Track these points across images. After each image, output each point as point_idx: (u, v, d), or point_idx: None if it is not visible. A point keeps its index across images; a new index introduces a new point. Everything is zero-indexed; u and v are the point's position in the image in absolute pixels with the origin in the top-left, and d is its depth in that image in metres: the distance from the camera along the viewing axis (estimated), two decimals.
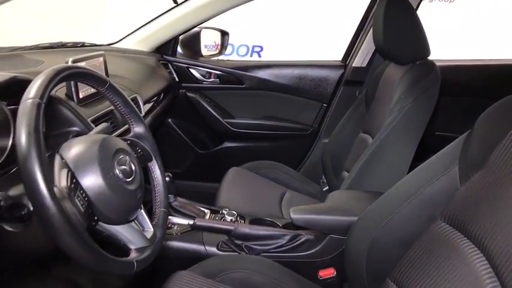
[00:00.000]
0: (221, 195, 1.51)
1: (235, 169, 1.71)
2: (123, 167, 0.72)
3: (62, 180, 0.62)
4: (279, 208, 1.51)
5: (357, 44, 1.89)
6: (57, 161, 0.65)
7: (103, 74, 1.18)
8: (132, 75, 1.47)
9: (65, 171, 0.63)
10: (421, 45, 1.35)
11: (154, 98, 1.59)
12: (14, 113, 0.79)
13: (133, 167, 0.74)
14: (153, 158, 0.89)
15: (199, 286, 0.95)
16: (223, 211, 1.27)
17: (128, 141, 0.83)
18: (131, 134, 0.88)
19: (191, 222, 1.16)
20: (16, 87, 0.78)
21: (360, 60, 1.87)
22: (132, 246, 0.72)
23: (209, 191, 1.73)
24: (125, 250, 0.71)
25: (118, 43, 1.85)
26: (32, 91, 0.61)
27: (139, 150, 0.85)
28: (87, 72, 0.76)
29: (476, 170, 0.81)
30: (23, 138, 0.56)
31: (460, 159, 0.86)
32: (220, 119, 1.95)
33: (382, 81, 1.52)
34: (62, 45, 1.60)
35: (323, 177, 1.82)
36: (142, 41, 1.84)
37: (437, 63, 1.39)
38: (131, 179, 0.73)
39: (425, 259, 0.85)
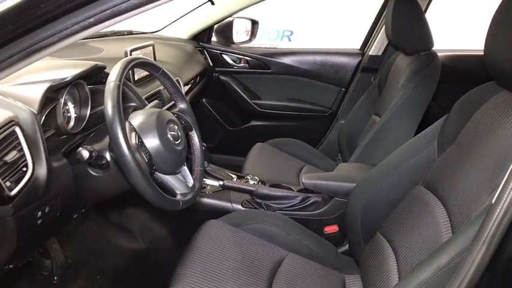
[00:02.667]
0: (246, 166, 1.75)
1: (259, 144, 1.94)
2: (173, 132, 0.97)
3: (132, 139, 0.88)
4: (296, 179, 1.73)
5: (373, 34, 2.05)
6: (127, 126, 0.91)
7: (154, 60, 1.44)
8: (174, 60, 1.72)
9: (133, 134, 0.89)
10: (425, 38, 1.52)
11: (192, 81, 1.84)
12: (92, 90, 1.06)
13: (180, 133, 0.99)
14: (193, 128, 1.14)
15: (225, 232, 1.20)
16: (248, 177, 1.51)
17: (175, 115, 1.08)
18: (177, 109, 1.13)
19: (221, 183, 1.41)
20: (95, 71, 1.04)
21: (376, 49, 2.04)
22: (178, 191, 0.98)
23: (237, 163, 1.96)
24: (172, 194, 0.96)
25: (161, 31, 2.11)
26: (113, 76, 0.87)
27: (182, 122, 1.10)
28: (148, 62, 1.01)
29: (449, 145, 1.01)
30: (109, 109, 0.82)
31: (439, 136, 1.06)
32: (248, 100, 2.18)
33: (392, 69, 1.70)
34: (115, 34, 1.86)
35: (339, 154, 2.03)
36: (182, 29, 2.09)
37: (447, 53, 1.55)
38: (179, 142, 0.98)
39: (405, 216, 1.07)
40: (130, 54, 1.33)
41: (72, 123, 1.02)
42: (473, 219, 0.72)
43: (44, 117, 0.90)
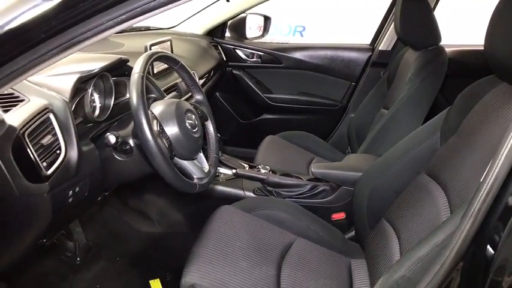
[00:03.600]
0: (258, 157, 1.82)
1: (271, 137, 2.01)
2: (191, 121, 1.05)
3: (154, 126, 0.95)
4: (306, 170, 1.80)
5: (383, 29, 2.10)
6: (150, 115, 0.99)
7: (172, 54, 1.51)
8: (189, 55, 1.80)
9: (155, 121, 0.97)
10: (432, 33, 1.56)
11: (207, 75, 1.92)
12: (115, 82, 1.14)
13: (197, 122, 1.07)
14: (209, 118, 1.22)
15: (238, 216, 1.28)
16: (259, 166, 1.58)
17: (192, 105, 1.16)
18: (194, 100, 1.21)
19: (234, 171, 1.49)
20: (118, 64, 1.12)
21: (385, 44, 2.08)
22: (195, 176, 1.06)
23: (249, 155, 2.02)
24: (190, 177, 1.04)
25: (177, 27, 2.19)
26: (137, 68, 0.94)
27: (199, 112, 1.17)
28: (168, 56, 1.09)
29: (451, 135, 1.07)
30: (134, 98, 0.89)
31: (442, 127, 1.12)
32: (260, 93, 2.25)
33: (401, 64, 1.75)
34: (133, 29, 1.95)
35: (348, 147, 2.08)
36: (197, 25, 2.16)
37: (455, 48, 1.59)
38: (196, 130, 1.06)
39: (408, 202, 1.13)
40: (150, 49, 1.41)
41: (97, 112, 1.11)
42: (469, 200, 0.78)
43: (74, 105, 0.99)
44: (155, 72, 1.40)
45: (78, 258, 1.48)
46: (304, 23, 4.79)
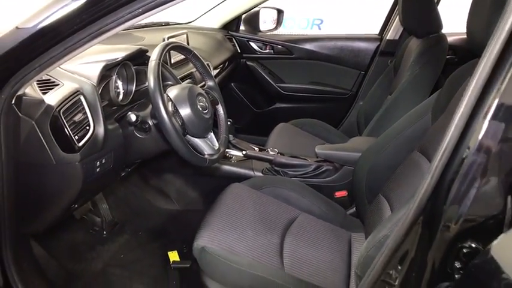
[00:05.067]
0: (269, 142, 1.94)
1: (282, 124, 2.12)
2: (202, 103, 1.17)
3: (169, 107, 1.09)
4: (314, 154, 1.90)
5: (391, 19, 2.17)
6: (165, 97, 1.12)
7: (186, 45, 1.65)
8: (205, 47, 1.93)
9: (170, 103, 1.10)
10: (433, 21, 1.63)
11: (221, 66, 2.05)
12: (137, 71, 1.28)
13: (207, 105, 1.20)
14: (219, 103, 1.34)
15: (247, 193, 1.40)
16: (268, 149, 1.70)
17: (204, 90, 1.29)
18: (206, 86, 1.34)
19: (244, 152, 1.62)
20: (139, 54, 1.26)
21: (393, 33, 2.15)
22: (206, 152, 1.19)
23: (262, 143, 2.11)
24: (201, 153, 1.17)
25: (194, 21, 2.32)
26: (154, 56, 1.08)
27: (210, 97, 1.30)
28: (181, 45, 1.22)
29: (441, 114, 1.15)
30: (151, 82, 1.03)
31: (433, 108, 1.20)
32: (273, 83, 2.36)
33: (406, 52, 1.82)
34: (154, 25, 2.09)
35: (358, 134, 2.17)
36: (213, 20, 2.29)
37: (458, 36, 1.65)
38: (206, 111, 1.18)
39: (400, 177, 1.22)
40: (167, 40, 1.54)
41: (121, 96, 1.25)
42: None
43: (100, 89, 1.13)
44: (172, 62, 1.54)
45: (105, 232, 1.64)
46: (322, 16, 4.85)
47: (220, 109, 1.35)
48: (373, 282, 0.75)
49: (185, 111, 1.12)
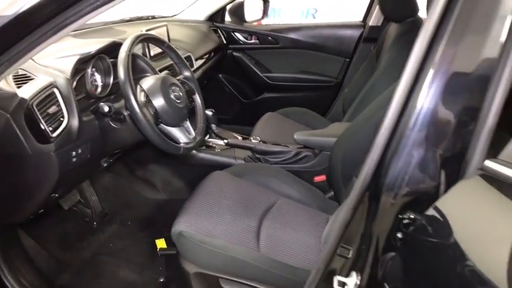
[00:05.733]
0: (254, 131, 1.97)
1: (269, 114, 2.14)
2: (175, 93, 1.21)
3: (141, 98, 1.12)
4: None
5: (373, 5, 2.18)
6: (138, 88, 1.16)
7: (166, 39, 1.68)
8: (188, 39, 1.96)
9: (143, 93, 1.14)
10: (409, 5, 1.64)
11: (206, 56, 2.07)
12: (114, 63, 1.32)
13: (181, 94, 1.23)
14: (196, 92, 1.38)
15: (227, 180, 1.43)
16: (251, 137, 1.74)
17: (180, 81, 1.32)
18: (182, 77, 1.37)
19: (226, 141, 1.65)
20: (114, 47, 1.30)
21: (375, 19, 2.16)
22: (181, 141, 1.22)
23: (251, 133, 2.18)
24: (176, 142, 1.21)
25: (179, 14, 2.35)
26: (124, 47, 1.11)
27: (186, 87, 1.34)
28: (153, 37, 1.25)
29: None
30: (121, 73, 1.07)
31: None
32: (260, 73, 2.38)
33: (386, 38, 1.84)
34: (139, 18, 2.12)
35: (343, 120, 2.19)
36: (198, 12, 2.32)
37: None
38: (180, 101, 1.22)
39: None
40: None
41: (99, 89, 1.29)
42: None
43: (75, 83, 1.17)
44: (152, 55, 1.57)
45: (95, 223, 1.69)
46: (316, 5, 4.85)
47: (197, 99, 1.39)
48: (329, 256, 0.79)
49: (158, 101, 1.15)
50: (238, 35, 2.36)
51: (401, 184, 0.67)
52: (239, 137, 1.75)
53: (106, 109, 1.13)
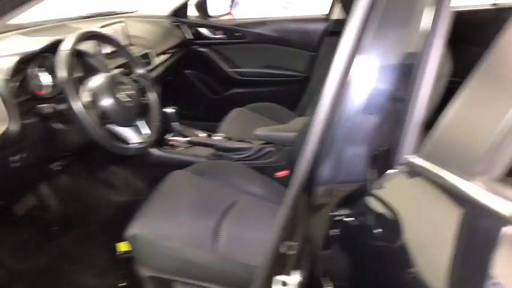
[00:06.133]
0: (222, 127, 1.94)
1: (237, 109, 2.11)
2: (123, 92, 1.17)
3: (86, 97, 1.08)
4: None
5: None
6: (83, 87, 1.11)
7: (124, 37, 1.62)
8: (148, 35, 1.90)
9: (88, 93, 1.09)
10: None
11: (169, 53, 2.02)
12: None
13: (131, 93, 1.19)
14: (150, 90, 1.34)
15: (187, 179, 1.40)
16: (216, 135, 1.71)
17: (132, 78, 1.28)
18: (135, 74, 1.33)
19: (188, 139, 1.62)
20: (57, 46, 1.24)
21: (340, 13, 2.15)
22: (133, 140, 1.18)
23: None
24: (126, 142, 1.17)
25: (142, 10, 2.29)
26: (65, 46, 1.06)
27: (138, 85, 1.29)
28: (99, 34, 1.20)
29: None
30: (61, 73, 1.02)
31: None
32: (227, 68, 2.34)
33: None
34: (99, 15, 2.05)
35: None
36: (162, 7, 2.26)
37: None
38: (130, 99, 1.18)
39: None
40: None
41: (46, 89, 1.23)
42: None
43: (18, 83, 1.11)
44: (107, 52, 1.51)
45: (55, 228, 1.64)
46: None
47: (152, 96, 1.35)
48: (272, 254, 0.77)
49: (105, 101, 1.11)
50: (203, 30, 2.32)
51: (333, 182, 0.66)
52: (203, 134, 1.72)
53: (45, 111, 1.08)
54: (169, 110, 1.63)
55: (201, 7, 2.29)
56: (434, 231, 0.50)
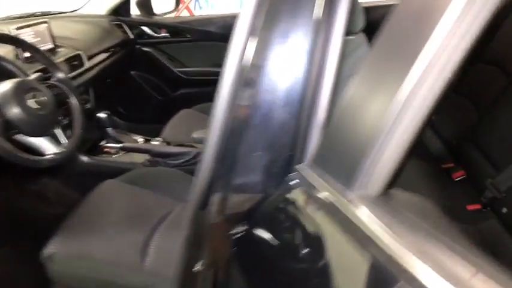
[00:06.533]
0: (165, 130, 1.85)
1: (185, 110, 2.03)
2: (35, 99, 1.07)
3: None
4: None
5: None
6: None
7: (48, 38, 1.51)
8: (81, 36, 1.79)
9: None
10: None
11: (108, 54, 1.91)
12: None
13: (43, 99, 1.09)
14: (71, 95, 1.24)
15: (118, 189, 1.31)
16: (155, 139, 1.62)
17: (49, 84, 1.18)
18: (54, 79, 1.23)
19: (121, 145, 1.53)
20: None
21: None
22: (48, 151, 1.09)
23: None
24: (39, 153, 1.07)
25: (80, 9, 2.16)
26: None
27: (58, 90, 1.19)
28: (7, 37, 1.10)
29: None
30: None
31: None
32: (173, 68, 2.26)
33: None
34: (31, 15, 1.91)
35: None
36: (100, 6, 2.14)
37: None
38: (43, 107, 1.08)
39: None
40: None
41: None
42: None
43: None
44: (26, 56, 1.40)
45: None
46: None
47: (73, 102, 1.25)
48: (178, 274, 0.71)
49: (11, 110, 1.01)
50: (146, 29, 2.22)
51: (229, 195, 0.60)
52: (140, 139, 1.63)
53: None
54: (102, 114, 1.54)
55: (143, 5, 2.19)
56: (317, 247, 0.45)
